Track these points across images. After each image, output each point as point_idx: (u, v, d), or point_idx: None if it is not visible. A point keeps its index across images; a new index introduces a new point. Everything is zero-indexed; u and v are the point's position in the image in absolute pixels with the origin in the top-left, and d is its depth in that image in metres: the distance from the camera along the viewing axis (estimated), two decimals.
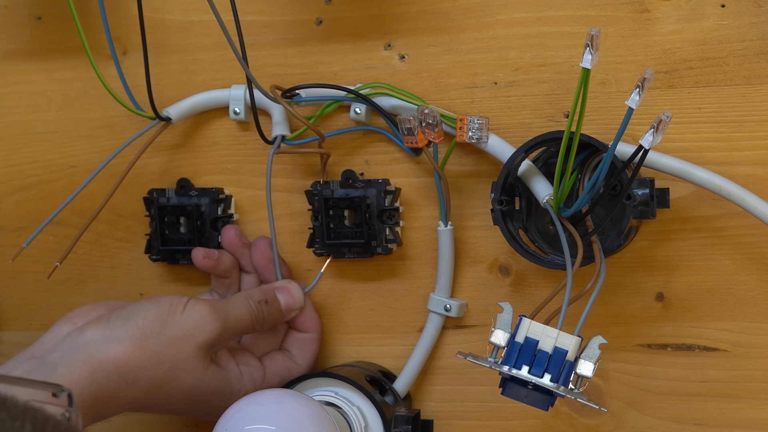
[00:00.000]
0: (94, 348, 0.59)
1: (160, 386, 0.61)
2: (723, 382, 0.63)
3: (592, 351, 0.56)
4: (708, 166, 0.60)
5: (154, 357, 0.60)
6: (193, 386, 0.62)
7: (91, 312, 0.64)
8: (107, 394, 0.59)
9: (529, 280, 0.66)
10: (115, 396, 0.59)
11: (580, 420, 0.66)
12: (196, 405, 0.63)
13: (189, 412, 0.64)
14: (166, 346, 0.61)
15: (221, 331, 0.63)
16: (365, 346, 0.70)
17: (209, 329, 0.62)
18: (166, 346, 0.61)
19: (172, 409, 0.63)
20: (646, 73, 0.51)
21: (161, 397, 0.61)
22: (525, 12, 0.65)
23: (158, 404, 0.62)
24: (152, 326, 0.61)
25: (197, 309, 0.62)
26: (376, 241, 0.67)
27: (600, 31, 0.50)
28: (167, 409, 0.63)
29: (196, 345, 0.62)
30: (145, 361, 0.60)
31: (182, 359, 0.61)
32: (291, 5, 0.70)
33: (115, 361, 0.59)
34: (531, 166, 0.62)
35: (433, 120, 0.62)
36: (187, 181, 0.72)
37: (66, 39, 0.74)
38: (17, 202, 0.77)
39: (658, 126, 0.51)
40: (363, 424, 0.63)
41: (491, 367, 0.56)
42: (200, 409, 0.64)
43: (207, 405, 0.63)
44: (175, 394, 0.62)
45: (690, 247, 0.63)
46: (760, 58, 0.61)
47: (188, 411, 0.64)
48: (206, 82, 0.72)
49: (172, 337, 0.61)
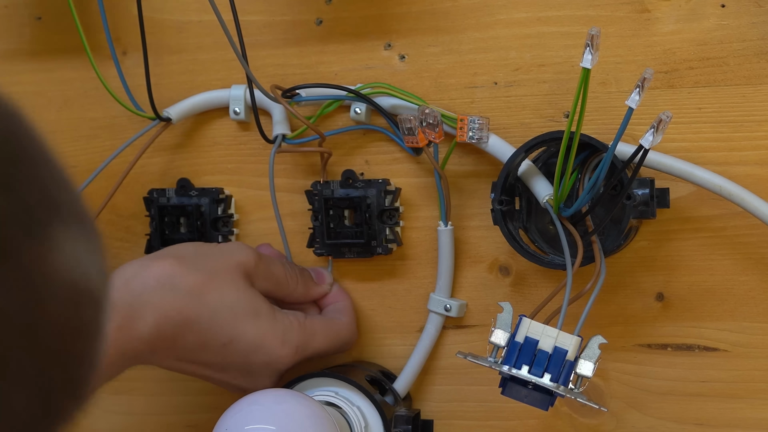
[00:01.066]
0: (132, 266, 0.59)
1: (200, 295, 0.59)
2: (723, 382, 0.63)
3: (592, 351, 0.56)
4: (708, 166, 0.60)
5: (192, 266, 0.60)
6: (235, 300, 0.60)
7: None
8: (142, 302, 0.57)
9: (529, 280, 0.66)
10: (151, 306, 0.58)
11: (580, 420, 0.66)
12: (239, 326, 0.60)
13: (232, 342, 0.60)
14: (204, 258, 0.61)
15: (256, 258, 0.63)
16: (365, 346, 0.70)
17: (245, 253, 0.62)
18: (204, 258, 0.61)
19: (215, 334, 0.60)
20: (646, 73, 0.51)
21: (202, 310, 0.59)
22: (525, 12, 0.65)
23: (199, 326, 0.59)
24: (189, 247, 0.62)
25: (234, 241, 0.64)
26: (376, 241, 0.67)
27: (600, 31, 0.50)
28: (211, 336, 0.60)
29: (235, 261, 0.61)
30: (182, 269, 0.59)
31: (221, 269, 0.60)
32: (291, 5, 0.70)
33: (150, 272, 0.58)
34: (531, 166, 0.62)
35: (434, 120, 0.62)
36: (188, 181, 0.72)
37: (66, 39, 0.74)
38: None
39: (658, 126, 0.51)
40: (363, 424, 0.63)
41: (491, 366, 0.56)
42: (246, 334, 0.60)
43: (252, 328, 0.60)
44: (217, 308, 0.59)
45: (690, 247, 0.63)
46: (760, 58, 0.61)
47: (232, 339, 0.60)
48: (206, 82, 0.72)
49: (209, 253, 0.61)
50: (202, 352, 0.61)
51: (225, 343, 0.60)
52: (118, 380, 0.75)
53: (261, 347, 0.62)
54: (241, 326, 0.61)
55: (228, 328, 0.60)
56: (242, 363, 0.62)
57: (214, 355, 0.61)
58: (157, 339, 0.58)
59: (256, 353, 0.62)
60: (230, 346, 0.61)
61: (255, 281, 0.63)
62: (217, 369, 0.62)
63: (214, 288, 0.60)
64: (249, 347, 0.61)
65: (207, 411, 0.73)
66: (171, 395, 0.74)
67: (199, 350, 0.60)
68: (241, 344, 0.61)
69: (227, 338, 0.60)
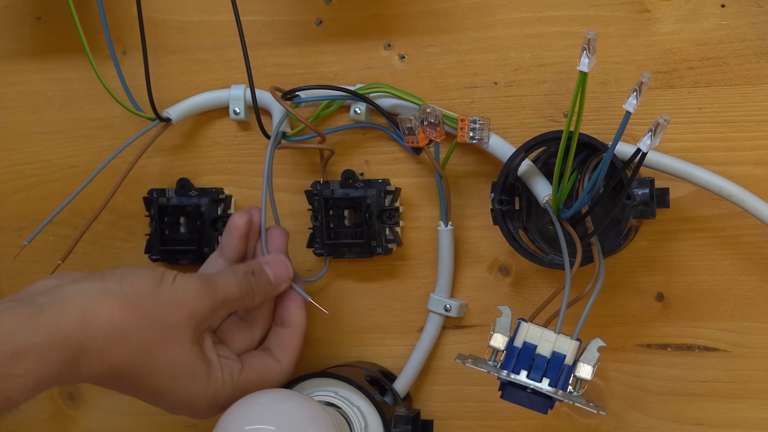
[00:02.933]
0: (89, 298, 0.57)
1: (148, 352, 0.59)
2: (723, 382, 0.63)
3: (591, 354, 0.56)
4: (708, 166, 0.60)
5: (147, 318, 0.59)
6: (177, 360, 0.60)
7: (76, 273, 0.62)
8: (94, 347, 0.57)
9: (529, 280, 0.66)
10: (100, 352, 0.57)
11: (580, 420, 0.66)
12: (174, 385, 0.61)
13: (163, 395, 0.61)
14: (160, 308, 0.59)
15: (211, 302, 0.61)
16: (365, 346, 0.70)
17: (199, 299, 0.61)
18: (159, 309, 0.59)
19: (149, 385, 0.60)
20: (644, 77, 0.51)
21: (145, 365, 0.59)
22: (525, 12, 0.65)
23: (138, 376, 0.59)
24: (147, 287, 0.59)
25: (187, 279, 0.61)
26: (376, 241, 0.67)
27: (597, 35, 0.50)
28: (144, 385, 0.60)
29: (188, 312, 0.60)
30: (138, 321, 0.58)
31: (173, 325, 0.60)
32: (291, 5, 0.70)
33: (108, 316, 0.57)
34: (531, 166, 0.62)
35: (435, 119, 0.62)
36: (187, 181, 0.72)
37: (66, 39, 0.74)
38: (17, 202, 0.77)
39: (656, 129, 0.51)
40: (363, 424, 0.63)
41: (490, 371, 0.56)
42: (176, 392, 0.61)
43: (185, 387, 0.61)
44: (159, 366, 0.60)
45: (690, 247, 0.63)
46: (760, 58, 0.61)
47: (163, 393, 0.61)
48: (206, 82, 0.72)
49: (165, 301, 0.59)
50: (130, 392, 0.61)
51: (155, 393, 0.61)
52: None
53: (187, 405, 0.62)
54: (175, 385, 0.61)
55: (162, 385, 0.61)
56: (165, 408, 0.63)
57: (139, 397, 0.62)
58: (94, 380, 0.59)
59: (181, 409, 0.62)
60: (158, 397, 0.61)
61: (209, 321, 0.62)
62: (140, 398, 0.63)
63: (161, 347, 0.60)
64: (175, 402, 0.62)
65: None
66: None
67: (128, 390, 0.61)
68: (168, 398, 0.61)
69: (158, 392, 0.61)
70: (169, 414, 0.63)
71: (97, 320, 0.57)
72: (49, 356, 0.55)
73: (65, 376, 0.56)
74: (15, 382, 0.54)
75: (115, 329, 0.57)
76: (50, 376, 0.55)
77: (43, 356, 0.55)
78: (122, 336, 0.58)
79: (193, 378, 0.61)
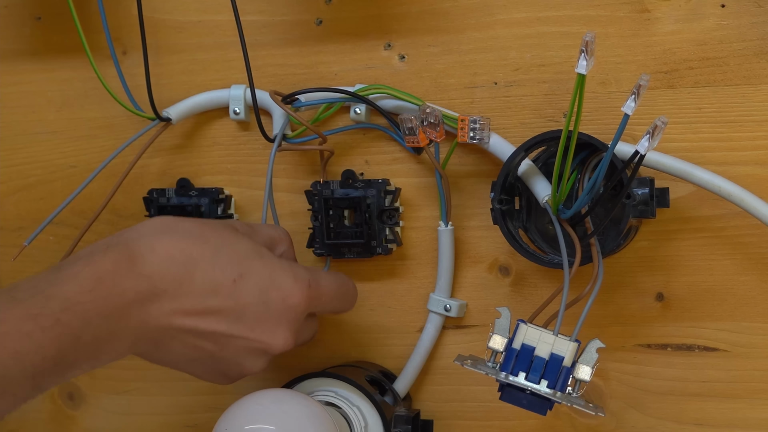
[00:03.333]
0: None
1: (200, 236, 0.57)
2: (723, 382, 0.63)
3: (590, 355, 0.56)
4: (708, 166, 0.60)
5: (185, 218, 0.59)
6: (236, 242, 0.58)
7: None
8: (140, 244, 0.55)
9: (529, 280, 0.66)
10: (149, 245, 0.55)
11: (580, 420, 0.66)
12: (247, 262, 0.58)
13: (242, 278, 0.57)
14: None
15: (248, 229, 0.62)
16: (365, 346, 0.70)
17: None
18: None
19: (222, 271, 0.57)
20: (642, 80, 0.51)
21: (204, 249, 0.57)
22: (525, 12, 0.65)
23: (204, 264, 0.56)
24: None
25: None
26: (376, 241, 0.67)
27: (595, 37, 0.50)
28: (216, 273, 0.57)
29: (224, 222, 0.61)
30: (177, 219, 0.58)
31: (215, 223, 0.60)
32: (291, 5, 0.70)
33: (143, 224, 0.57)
34: (531, 166, 0.62)
35: (435, 119, 0.62)
36: (187, 181, 0.72)
37: (66, 39, 0.74)
38: (17, 202, 0.77)
39: (654, 132, 0.51)
40: (363, 424, 0.63)
41: (488, 374, 0.56)
42: (254, 271, 0.58)
43: (259, 265, 0.58)
44: (219, 246, 0.57)
45: (690, 247, 0.63)
46: (760, 58, 0.61)
47: (241, 273, 0.57)
48: (206, 82, 0.72)
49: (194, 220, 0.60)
50: (213, 296, 0.57)
51: (235, 278, 0.57)
52: (118, 380, 0.75)
53: (273, 281, 0.58)
54: (249, 262, 0.58)
55: (235, 264, 0.57)
56: (258, 303, 0.58)
57: (225, 298, 0.57)
58: (162, 280, 0.55)
59: (270, 288, 0.58)
60: (241, 282, 0.57)
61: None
62: (232, 318, 0.57)
63: (213, 231, 0.58)
64: (261, 282, 0.58)
65: (207, 411, 0.73)
66: (171, 395, 0.74)
67: (209, 294, 0.57)
68: (252, 279, 0.58)
69: (237, 273, 0.57)
70: (169, 414, 0.63)
71: (133, 230, 0.56)
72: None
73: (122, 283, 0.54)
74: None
75: (154, 228, 0.57)
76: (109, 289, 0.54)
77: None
78: (167, 229, 0.57)
79: (261, 256, 0.59)
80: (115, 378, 0.75)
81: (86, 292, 0.53)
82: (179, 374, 0.72)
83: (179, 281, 0.56)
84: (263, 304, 0.58)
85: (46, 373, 0.51)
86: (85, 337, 0.52)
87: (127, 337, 0.55)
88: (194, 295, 0.56)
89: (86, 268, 0.54)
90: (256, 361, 0.59)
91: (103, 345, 0.54)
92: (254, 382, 0.67)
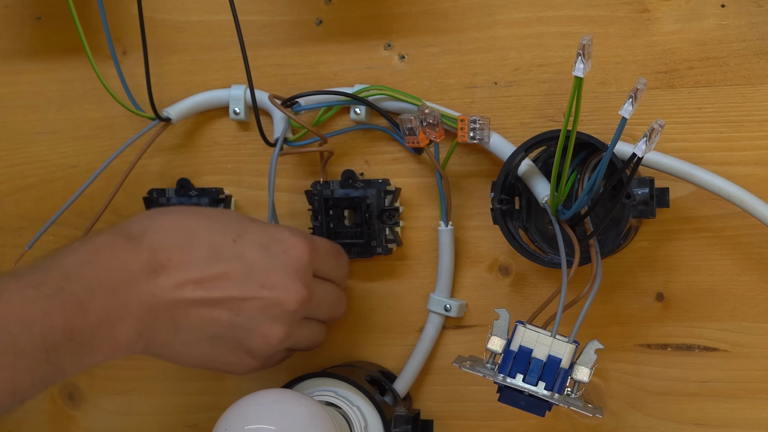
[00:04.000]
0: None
1: (194, 210, 0.61)
2: (723, 382, 0.63)
3: (588, 356, 0.56)
4: (708, 166, 0.60)
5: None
6: (229, 211, 0.62)
7: None
8: (138, 227, 0.58)
9: (529, 280, 0.66)
10: (148, 227, 0.57)
11: (580, 420, 0.66)
12: (244, 222, 0.60)
13: (242, 236, 0.59)
14: None
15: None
16: (365, 346, 0.70)
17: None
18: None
19: (222, 232, 0.58)
20: (639, 84, 0.51)
21: (200, 219, 0.58)
22: (525, 12, 0.65)
23: (202, 229, 0.58)
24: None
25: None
26: (376, 241, 0.67)
27: (592, 40, 0.50)
28: (216, 236, 0.58)
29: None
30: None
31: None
32: (291, 5, 0.70)
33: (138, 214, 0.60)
34: (531, 166, 0.62)
35: (434, 119, 0.62)
36: (187, 181, 0.72)
37: (66, 39, 0.74)
38: (17, 202, 0.77)
39: (651, 134, 0.51)
40: (363, 424, 0.63)
41: (486, 376, 0.56)
42: (252, 228, 0.60)
43: (255, 224, 0.60)
44: (214, 215, 0.60)
45: (690, 247, 0.63)
46: (760, 58, 0.61)
47: (240, 232, 0.59)
48: (206, 82, 0.72)
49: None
50: (216, 261, 0.57)
51: (234, 238, 0.58)
52: (118, 380, 0.75)
53: (272, 236, 0.59)
54: (244, 224, 0.60)
55: (231, 227, 0.59)
56: (261, 257, 0.59)
57: (229, 259, 0.58)
58: (163, 250, 0.56)
59: (271, 242, 0.59)
60: (240, 240, 0.59)
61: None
62: (240, 278, 0.58)
63: (204, 208, 0.61)
64: (260, 237, 0.59)
65: (207, 411, 0.73)
66: (171, 395, 0.74)
67: (212, 258, 0.57)
68: (250, 236, 0.59)
69: (235, 234, 0.59)
70: (169, 414, 0.63)
71: (133, 219, 0.59)
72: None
73: (126, 260, 0.56)
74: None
75: (148, 216, 0.59)
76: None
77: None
78: (162, 211, 0.61)
79: (255, 220, 0.62)
80: (115, 378, 0.75)
81: (85, 263, 0.54)
82: (179, 374, 0.72)
83: (180, 249, 0.57)
84: (267, 257, 0.59)
85: (59, 347, 0.51)
86: (94, 307, 0.52)
87: (141, 315, 0.55)
88: (198, 262, 0.57)
89: (83, 245, 0.55)
90: (274, 324, 0.59)
91: (116, 321, 0.53)
92: (254, 382, 0.67)
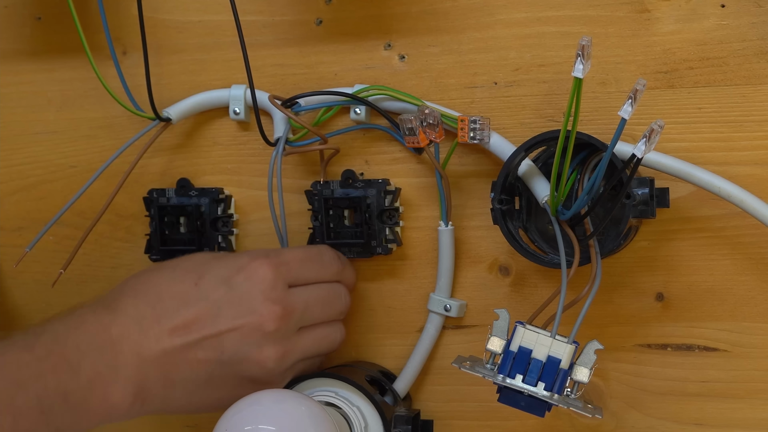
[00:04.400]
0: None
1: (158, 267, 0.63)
2: (723, 382, 0.63)
3: (588, 357, 0.56)
4: (708, 166, 0.60)
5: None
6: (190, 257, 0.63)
7: None
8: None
9: (529, 280, 0.66)
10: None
11: (580, 420, 0.66)
12: (206, 264, 0.62)
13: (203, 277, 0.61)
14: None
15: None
16: (365, 346, 0.70)
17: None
18: None
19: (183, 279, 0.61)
20: (638, 84, 0.51)
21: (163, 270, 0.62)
22: (525, 12, 0.65)
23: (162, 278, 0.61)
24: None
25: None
26: (376, 241, 0.67)
27: (591, 41, 0.50)
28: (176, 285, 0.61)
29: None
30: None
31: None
32: (291, 5, 0.70)
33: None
34: (531, 166, 0.62)
35: (434, 120, 0.62)
36: (187, 181, 0.72)
37: (66, 39, 0.74)
38: (17, 202, 0.77)
39: (650, 135, 0.51)
40: (363, 424, 0.63)
41: (486, 376, 0.56)
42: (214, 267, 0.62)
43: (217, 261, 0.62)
44: (174, 264, 0.63)
45: (690, 247, 0.63)
46: (760, 58, 0.61)
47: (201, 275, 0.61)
48: (206, 82, 0.72)
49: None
50: (184, 306, 0.60)
51: (196, 281, 0.61)
52: None
53: (232, 268, 0.61)
54: (205, 266, 0.61)
55: (192, 271, 0.61)
56: (226, 292, 0.60)
57: (196, 301, 0.60)
58: (135, 308, 0.59)
59: (232, 275, 0.61)
60: (202, 282, 0.61)
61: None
62: (211, 317, 0.60)
63: (171, 260, 0.63)
64: (222, 273, 0.61)
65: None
66: None
67: (180, 306, 0.60)
68: (212, 275, 0.61)
69: (196, 277, 0.61)
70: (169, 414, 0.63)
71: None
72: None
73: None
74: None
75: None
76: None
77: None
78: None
79: (218, 257, 0.64)
80: None
81: (72, 328, 0.57)
82: None
83: (152, 306, 0.60)
84: (231, 290, 0.61)
85: (55, 408, 0.54)
86: (84, 368, 0.56)
87: (132, 375, 0.58)
88: (169, 312, 0.60)
89: (69, 314, 0.59)
90: (262, 349, 0.61)
91: (109, 383, 0.57)
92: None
